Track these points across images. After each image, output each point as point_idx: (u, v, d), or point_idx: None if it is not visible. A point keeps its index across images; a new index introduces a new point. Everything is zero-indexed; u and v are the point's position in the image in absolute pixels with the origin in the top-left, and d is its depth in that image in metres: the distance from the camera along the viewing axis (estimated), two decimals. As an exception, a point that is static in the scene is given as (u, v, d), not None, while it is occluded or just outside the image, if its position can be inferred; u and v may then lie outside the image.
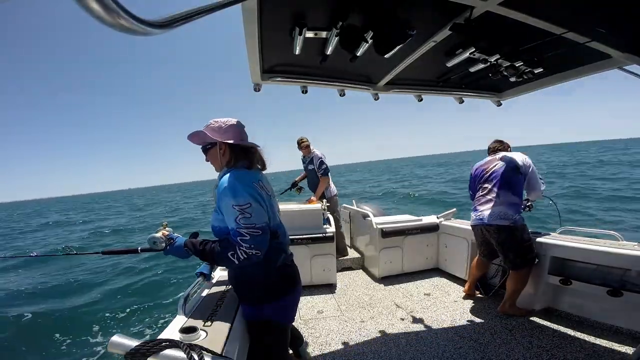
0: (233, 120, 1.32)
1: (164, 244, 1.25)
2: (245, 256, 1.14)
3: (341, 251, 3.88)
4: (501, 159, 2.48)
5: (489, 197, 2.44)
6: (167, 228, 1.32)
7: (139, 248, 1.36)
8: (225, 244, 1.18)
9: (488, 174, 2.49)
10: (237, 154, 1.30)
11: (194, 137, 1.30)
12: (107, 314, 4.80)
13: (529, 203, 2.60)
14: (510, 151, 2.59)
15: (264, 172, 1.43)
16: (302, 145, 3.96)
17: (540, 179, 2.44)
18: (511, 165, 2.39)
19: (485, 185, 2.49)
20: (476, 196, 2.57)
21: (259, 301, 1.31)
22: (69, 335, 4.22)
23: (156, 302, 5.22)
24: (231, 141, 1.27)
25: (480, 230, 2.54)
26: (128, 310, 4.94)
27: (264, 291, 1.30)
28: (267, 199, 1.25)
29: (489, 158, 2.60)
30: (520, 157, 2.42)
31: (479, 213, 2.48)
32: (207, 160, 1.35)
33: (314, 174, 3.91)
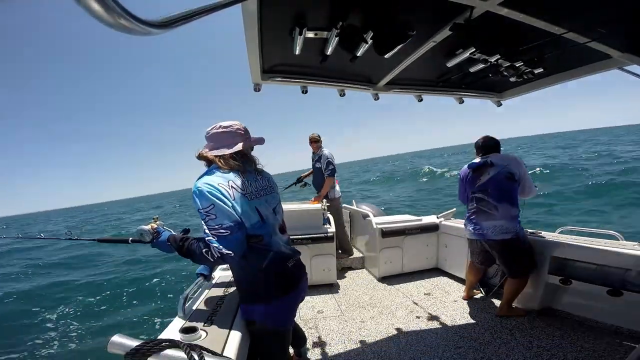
0: (208, 128, 1.34)
1: (150, 237, 1.29)
2: (219, 255, 1.16)
3: (348, 251, 3.93)
4: (492, 164, 2.33)
5: (487, 210, 2.32)
6: (157, 222, 1.34)
7: (130, 239, 1.40)
8: (202, 242, 1.20)
9: (482, 182, 2.35)
10: (210, 161, 1.31)
11: None
12: (106, 314, 4.79)
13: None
14: (500, 151, 2.46)
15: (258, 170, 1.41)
16: (312, 140, 3.97)
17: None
18: (505, 173, 2.26)
19: (480, 195, 2.36)
20: (470, 206, 2.46)
21: (250, 300, 1.31)
22: (68, 335, 4.22)
23: (156, 302, 5.22)
24: (206, 151, 1.31)
25: (479, 243, 2.46)
26: (128, 310, 4.94)
27: (252, 291, 1.30)
28: (239, 199, 1.21)
29: (479, 160, 2.43)
30: (513, 163, 2.30)
31: (478, 227, 2.37)
32: None
33: (321, 172, 3.90)
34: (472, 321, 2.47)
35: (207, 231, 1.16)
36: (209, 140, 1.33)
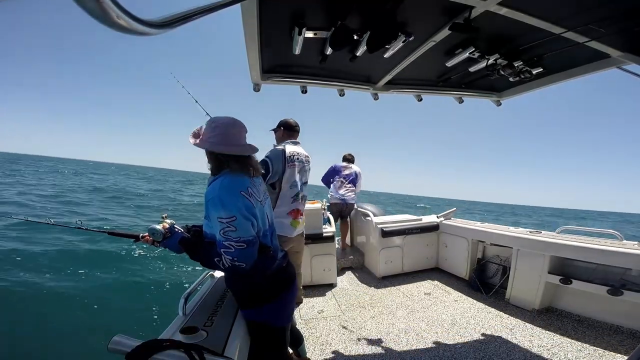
0: (223, 121, 1.22)
1: (161, 237, 1.26)
2: (230, 265, 1.15)
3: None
4: (351, 167, 4.29)
5: (347, 187, 4.18)
6: (166, 220, 1.31)
7: (140, 235, 1.38)
8: (214, 249, 1.17)
9: (345, 174, 4.22)
10: (222, 161, 1.21)
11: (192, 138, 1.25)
12: (106, 314, 4.79)
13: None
14: (354, 162, 4.40)
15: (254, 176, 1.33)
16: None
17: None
18: (356, 174, 4.26)
19: (343, 180, 4.20)
20: (336, 184, 4.20)
21: (253, 304, 1.31)
22: (67, 335, 4.21)
23: (157, 301, 5.22)
24: (214, 148, 1.20)
25: (341, 205, 4.17)
26: (129, 309, 4.94)
27: (257, 295, 1.30)
28: (256, 206, 1.20)
29: (344, 164, 4.32)
30: (358, 172, 4.28)
31: (342, 195, 4.14)
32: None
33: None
34: (472, 321, 2.47)
35: (222, 241, 1.12)
36: (223, 132, 1.20)
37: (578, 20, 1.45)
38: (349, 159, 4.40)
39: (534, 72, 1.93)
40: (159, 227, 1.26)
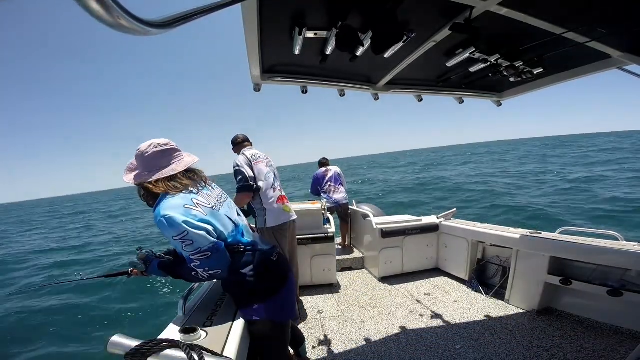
0: (142, 148, 1.22)
1: (143, 267, 1.36)
2: (207, 275, 1.17)
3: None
4: (330, 170, 4.48)
5: (335, 190, 4.35)
6: (142, 252, 1.38)
7: (129, 270, 1.46)
8: (188, 266, 1.19)
9: (327, 178, 4.40)
10: (156, 186, 1.19)
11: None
12: (106, 313, 4.79)
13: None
14: (329, 164, 4.62)
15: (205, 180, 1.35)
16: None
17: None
18: (338, 173, 4.47)
19: (330, 184, 4.38)
20: (326, 190, 4.36)
21: (249, 302, 1.30)
22: (67, 335, 4.22)
23: (156, 301, 5.22)
24: (161, 174, 1.20)
25: (337, 207, 4.30)
26: (128, 309, 4.94)
27: (253, 293, 1.30)
28: (208, 215, 1.19)
29: (323, 169, 4.51)
30: (338, 170, 4.52)
31: (334, 199, 4.27)
32: None
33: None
34: (472, 321, 2.47)
35: (187, 256, 1.14)
36: (148, 160, 1.21)
37: (579, 21, 1.45)
38: (324, 163, 4.64)
39: (534, 73, 1.93)
40: (136, 260, 1.35)
